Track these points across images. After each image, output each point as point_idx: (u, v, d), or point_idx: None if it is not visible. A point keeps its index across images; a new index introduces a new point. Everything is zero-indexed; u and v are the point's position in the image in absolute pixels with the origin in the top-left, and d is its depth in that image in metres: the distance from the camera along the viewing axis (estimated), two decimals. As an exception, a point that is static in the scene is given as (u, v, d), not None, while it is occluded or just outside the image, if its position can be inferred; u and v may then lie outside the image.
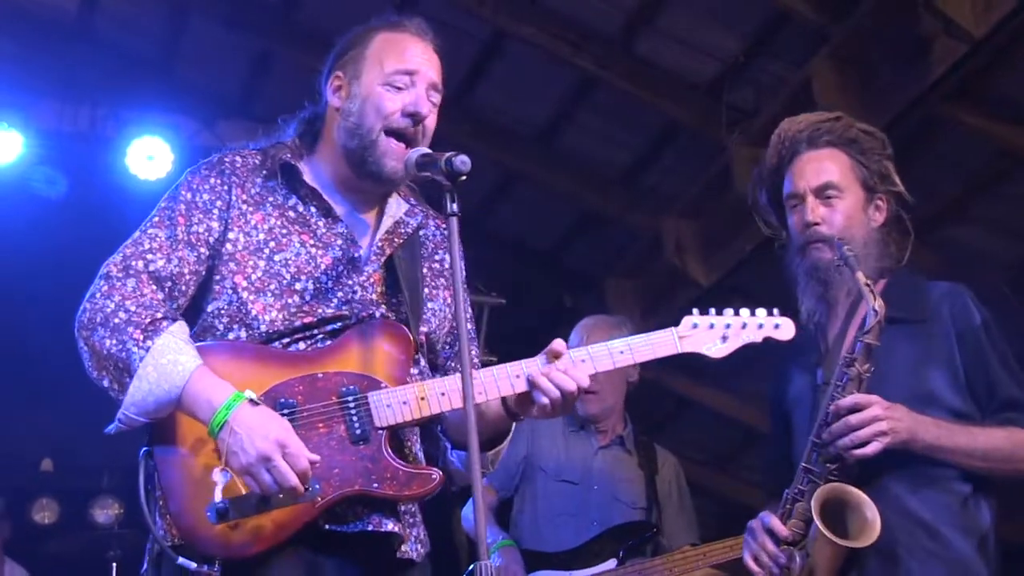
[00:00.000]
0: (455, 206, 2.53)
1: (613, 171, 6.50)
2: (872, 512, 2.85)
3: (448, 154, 2.59)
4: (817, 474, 2.95)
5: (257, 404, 2.55)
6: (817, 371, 3.17)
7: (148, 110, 6.63)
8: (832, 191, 3.14)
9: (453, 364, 2.89)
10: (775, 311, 2.85)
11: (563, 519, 4.59)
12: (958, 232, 5.64)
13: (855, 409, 2.91)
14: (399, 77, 2.79)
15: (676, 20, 5.42)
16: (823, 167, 3.16)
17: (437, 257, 2.92)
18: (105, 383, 2.61)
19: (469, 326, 2.90)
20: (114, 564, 6.48)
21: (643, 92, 5.79)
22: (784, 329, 2.84)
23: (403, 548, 2.71)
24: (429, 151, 2.72)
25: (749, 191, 3.41)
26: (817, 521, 2.88)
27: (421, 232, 2.90)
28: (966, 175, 5.39)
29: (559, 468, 4.66)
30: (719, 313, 2.81)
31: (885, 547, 2.88)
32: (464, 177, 2.56)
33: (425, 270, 2.87)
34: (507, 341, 5.84)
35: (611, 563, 4.47)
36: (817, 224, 3.12)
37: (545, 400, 2.64)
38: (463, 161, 2.56)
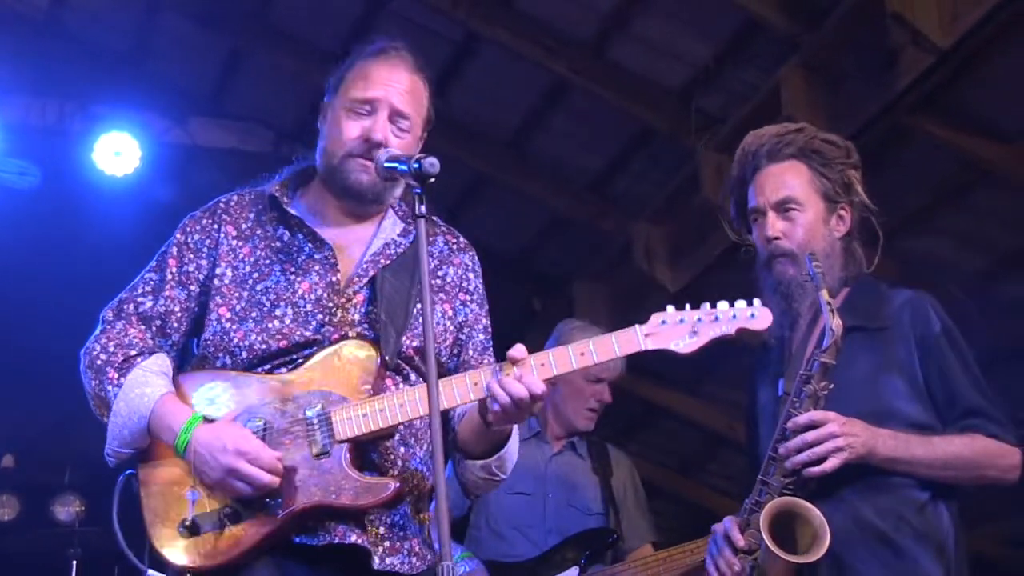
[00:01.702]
0: (423, 208, 2.56)
1: (584, 176, 6.51)
2: (822, 527, 2.87)
3: (417, 156, 2.62)
4: (773, 487, 2.98)
5: (212, 420, 2.70)
6: (779, 382, 3.20)
7: (117, 106, 6.60)
8: (791, 204, 3.17)
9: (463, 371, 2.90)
10: (755, 301, 2.80)
11: (520, 531, 4.58)
12: (923, 242, 5.68)
13: (811, 426, 2.93)
14: (359, 105, 2.86)
15: (649, 26, 5.45)
16: (782, 181, 3.19)
17: (440, 272, 2.96)
18: (103, 420, 2.82)
19: (482, 336, 2.98)
20: (74, 562, 6.42)
21: (615, 97, 5.81)
22: (760, 319, 2.78)
23: (387, 560, 2.73)
24: (398, 152, 2.75)
25: (721, 203, 3.44)
26: (765, 535, 2.92)
27: (428, 248, 2.89)
28: (932, 185, 5.44)
29: (511, 481, 4.59)
30: (695, 307, 2.78)
31: (839, 557, 2.91)
32: (433, 179, 2.58)
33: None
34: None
35: (573, 571, 4.47)
36: (777, 239, 3.15)
37: (496, 406, 2.65)
38: (432, 163, 2.59)
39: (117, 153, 6.51)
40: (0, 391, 6.93)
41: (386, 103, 2.85)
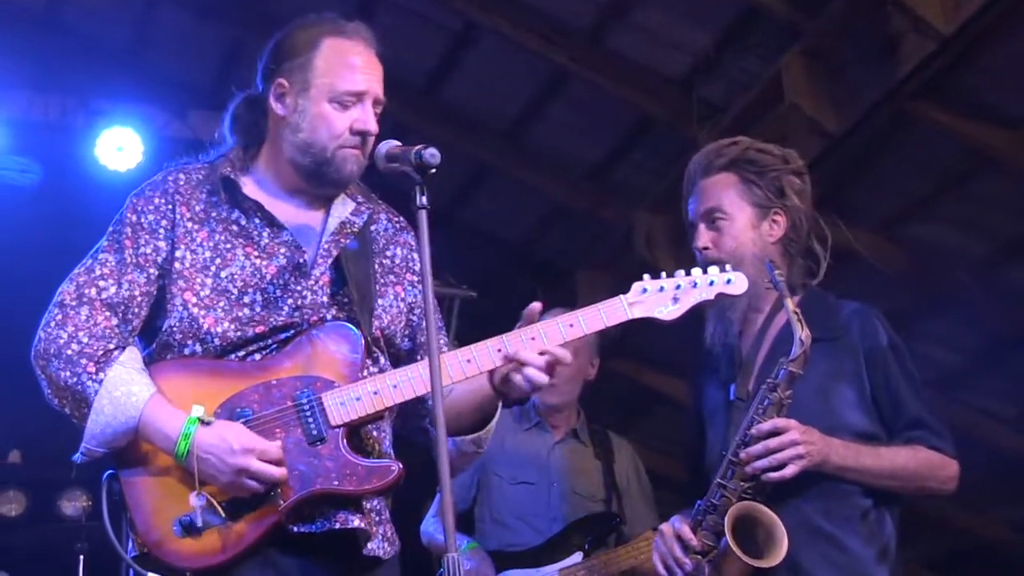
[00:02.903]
0: (424, 199, 2.54)
1: (584, 165, 6.51)
2: (781, 533, 2.96)
3: (418, 147, 2.60)
4: (731, 490, 3.04)
5: (209, 422, 2.63)
6: (730, 387, 3.25)
7: (119, 100, 6.59)
8: (718, 214, 3.25)
9: (422, 354, 2.90)
10: (727, 267, 2.87)
11: (525, 520, 4.58)
12: (928, 229, 5.68)
13: (774, 433, 3.01)
14: (347, 97, 2.80)
15: (648, 14, 5.44)
16: (710, 193, 3.28)
17: (388, 252, 2.93)
18: (66, 411, 2.71)
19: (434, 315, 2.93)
20: (81, 557, 6.41)
21: (615, 86, 5.80)
22: (737, 284, 2.86)
23: (369, 546, 2.72)
24: (399, 143, 2.72)
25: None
26: (729, 539, 2.97)
27: (372, 228, 2.91)
28: (935, 172, 5.43)
29: (514, 471, 4.65)
30: (670, 276, 2.83)
31: (793, 559, 2.99)
32: (433, 170, 2.57)
33: (377, 266, 2.88)
34: (477, 333, 5.84)
35: (577, 556, 4.48)
36: (706, 248, 3.23)
37: (529, 373, 2.66)
38: (432, 154, 2.57)
39: (120, 148, 6.50)
40: (5, 387, 6.94)
41: (372, 94, 2.82)
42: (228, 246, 2.79)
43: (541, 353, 2.68)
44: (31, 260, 6.42)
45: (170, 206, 2.82)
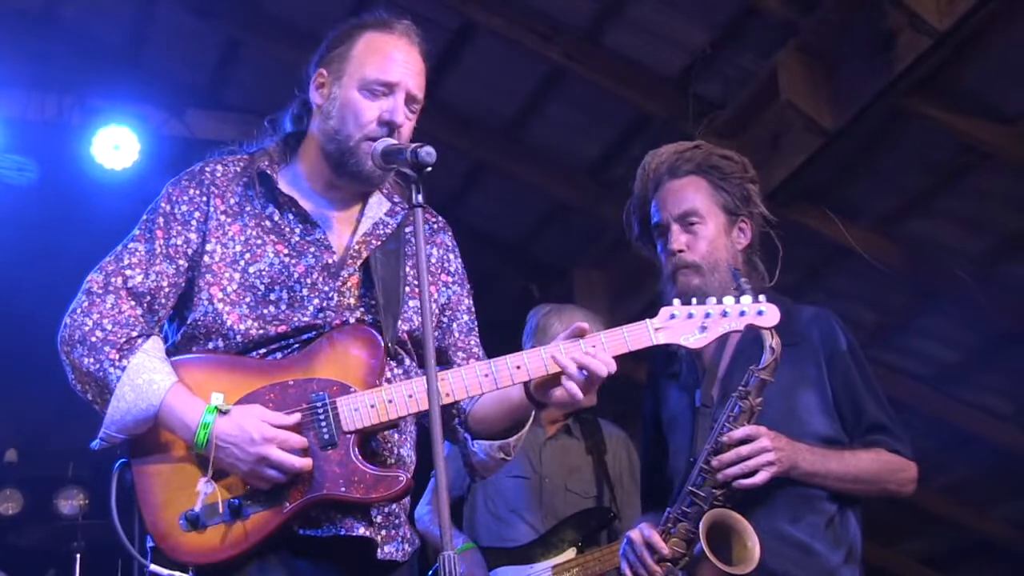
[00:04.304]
0: (420, 197, 2.54)
1: (582, 162, 6.51)
2: (753, 540, 2.99)
3: (413, 145, 2.61)
4: (703, 498, 3.06)
5: (227, 411, 2.62)
6: (696, 393, 3.26)
7: (115, 99, 6.58)
8: (694, 218, 3.26)
9: (462, 357, 2.89)
10: (761, 298, 2.86)
11: (518, 515, 4.59)
12: (923, 225, 5.68)
13: (745, 440, 3.03)
14: (377, 86, 2.78)
15: (644, 12, 5.44)
16: (683, 196, 3.28)
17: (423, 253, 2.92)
18: (88, 397, 2.72)
19: (467, 317, 2.95)
20: (78, 556, 6.42)
21: (612, 84, 5.80)
22: (768, 316, 2.84)
23: (386, 549, 2.72)
24: (394, 142, 2.73)
25: (624, 222, 3.49)
26: (704, 546, 2.99)
27: (407, 229, 2.88)
28: (932, 168, 5.43)
29: (509, 464, 4.65)
30: (701, 303, 2.80)
31: (765, 565, 3.01)
32: (429, 168, 2.57)
33: (408, 268, 2.85)
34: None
35: (571, 552, 4.49)
36: (681, 251, 3.24)
37: (572, 383, 2.64)
38: (428, 152, 2.57)
39: (116, 147, 6.49)
40: (2, 385, 6.96)
41: (403, 87, 2.79)
42: (259, 241, 2.79)
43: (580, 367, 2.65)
44: (27, 259, 6.43)
45: (205, 198, 2.81)
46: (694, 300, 2.83)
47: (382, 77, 2.78)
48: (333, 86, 2.82)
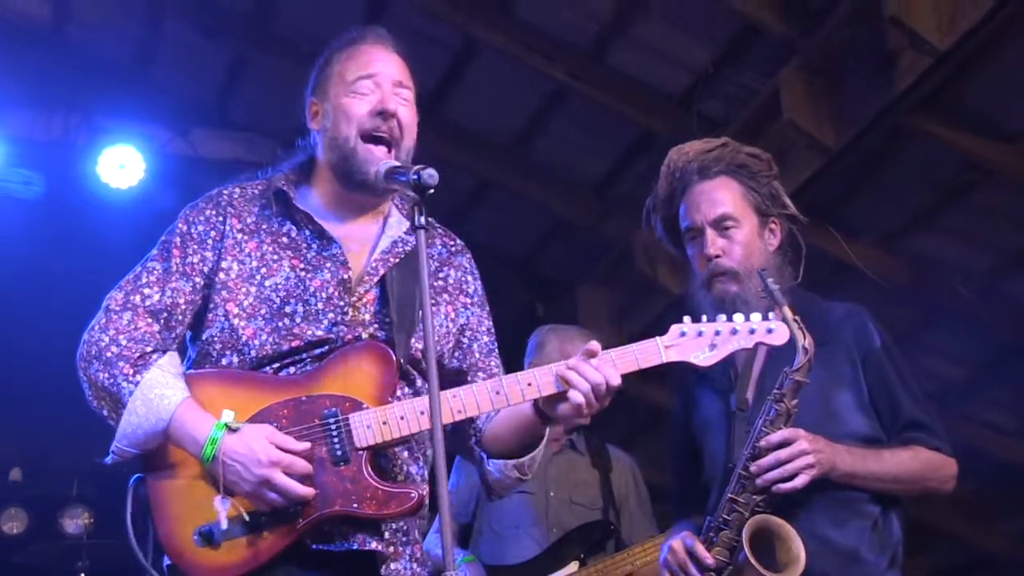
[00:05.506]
0: (423, 219, 2.56)
1: (586, 180, 6.53)
2: (798, 545, 2.92)
3: (416, 167, 2.62)
4: (743, 505, 3.00)
5: (237, 429, 2.63)
6: (730, 398, 3.21)
7: (121, 118, 6.61)
8: (729, 222, 3.18)
9: (482, 377, 2.89)
10: (770, 315, 2.85)
11: (522, 530, 4.60)
12: (926, 242, 5.70)
13: (783, 444, 2.97)
14: (361, 83, 2.84)
15: (647, 31, 5.46)
16: (717, 198, 3.19)
17: (441, 274, 2.94)
18: (104, 413, 2.74)
19: (487, 338, 2.96)
20: (83, 575, 6.42)
21: (616, 102, 5.82)
22: (778, 333, 2.82)
23: (392, 567, 2.72)
24: (398, 164, 2.75)
25: (644, 222, 3.41)
26: (748, 554, 2.93)
27: (427, 250, 2.87)
28: (934, 185, 5.45)
29: None
30: (711, 320, 2.79)
31: (811, 573, 2.94)
32: (432, 190, 2.59)
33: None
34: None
35: (573, 566, 4.49)
36: (718, 257, 3.15)
37: (577, 397, 2.64)
38: (431, 175, 2.59)
39: (121, 166, 6.52)
40: (6, 403, 6.96)
41: (386, 75, 2.84)
42: (275, 257, 2.81)
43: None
44: (32, 276, 6.45)
45: (221, 218, 2.86)
46: (704, 318, 2.79)
47: (362, 72, 2.84)
48: (325, 106, 2.88)
